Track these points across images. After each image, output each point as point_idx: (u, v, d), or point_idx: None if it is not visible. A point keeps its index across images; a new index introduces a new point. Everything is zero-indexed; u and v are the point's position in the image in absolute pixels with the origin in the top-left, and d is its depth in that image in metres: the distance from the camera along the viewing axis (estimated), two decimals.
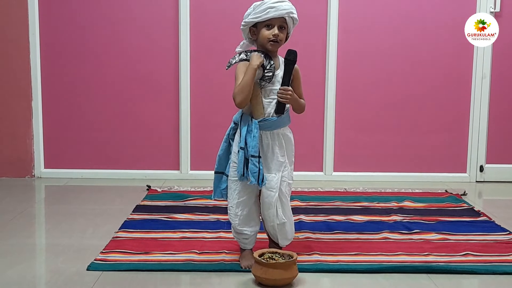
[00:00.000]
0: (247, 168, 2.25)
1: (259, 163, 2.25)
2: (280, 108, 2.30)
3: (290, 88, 2.30)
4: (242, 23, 2.34)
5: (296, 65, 2.36)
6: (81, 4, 3.92)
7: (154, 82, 3.99)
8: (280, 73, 2.32)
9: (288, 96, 2.29)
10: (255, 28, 2.32)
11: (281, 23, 2.29)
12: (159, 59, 3.97)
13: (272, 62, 2.30)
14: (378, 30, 3.98)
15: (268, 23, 2.28)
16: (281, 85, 2.30)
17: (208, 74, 3.93)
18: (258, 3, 2.29)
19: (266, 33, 2.28)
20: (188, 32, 3.91)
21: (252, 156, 2.24)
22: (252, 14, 2.28)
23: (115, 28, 3.95)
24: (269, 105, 2.31)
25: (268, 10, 2.25)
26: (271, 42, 2.29)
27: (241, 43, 2.40)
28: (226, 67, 2.36)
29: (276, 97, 2.30)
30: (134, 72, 3.98)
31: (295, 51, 2.30)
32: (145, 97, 4.00)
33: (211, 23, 3.93)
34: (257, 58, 2.26)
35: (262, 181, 2.26)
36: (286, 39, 2.35)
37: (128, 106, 4.01)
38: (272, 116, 2.31)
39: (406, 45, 3.99)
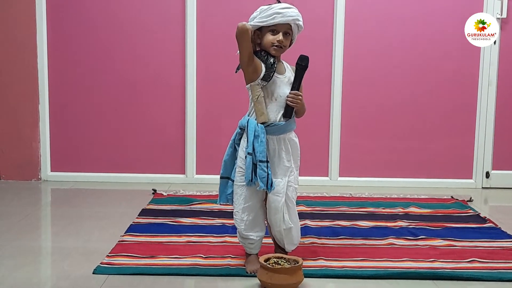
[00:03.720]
0: (255, 174, 2.25)
1: (267, 168, 2.25)
2: (288, 112, 2.31)
3: (300, 93, 2.31)
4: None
5: None
6: (88, 8, 3.94)
7: (160, 86, 4.00)
8: (282, 78, 2.33)
9: (299, 101, 2.30)
10: (259, 31, 2.33)
11: (286, 29, 2.30)
12: (166, 63, 3.98)
13: (272, 60, 2.29)
14: (385, 36, 3.97)
15: (273, 28, 2.28)
16: (291, 90, 2.30)
17: (214, 78, 3.93)
18: (265, 7, 2.29)
19: (270, 38, 2.29)
20: (195, 35, 3.92)
21: (260, 161, 2.25)
22: (258, 18, 2.28)
23: (122, 32, 3.96)
24: (274, 110, 2.31)
25: (275, 15, 2.25)
26: (275, 47, 2.29)
27: None
28: (236, 71, 2.37)
29: (279, 102, 2.31)
30: (141, 76, 3.99)
31: (307, 57, 2.31)
32: (151, 101, 4.01)
33: (218, 25, 3.93)
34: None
35: (271, 186, 2.26)
36: (290, 44, 2.35)
37: (134, 109, 4.01)
38: (279, 120, 2.32)
39: (413, 52, 3.98)
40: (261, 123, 2.29)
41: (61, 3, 3.94)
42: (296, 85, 2.31)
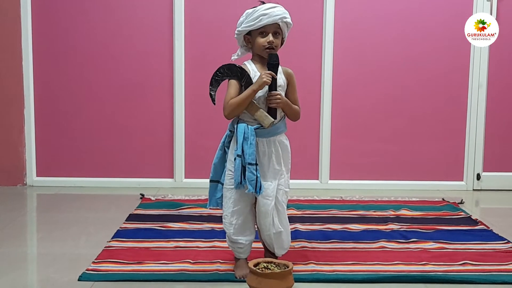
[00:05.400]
0: (244, 176, 2.22)
1: (256, 171, 2.22)
2: (271, 114, 2.27)
3: (277, 92, 2.27)
4: (236, 31, 2.32)
5: (291, 71, 2.36)
6: (74, 11, 3.89)
7: (148, 90, 3.96)
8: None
9: (278, 101, 2.26)
10: (249, 35, 2.31)
11: (275, 29, 2.27)
12: (153, 67, 3.94)
13: (246, 74, 2.27)
14: (375, 38, 3.96)
15: (262, 30, 2.26)
16: (269, 90, 2.27)
17: (202, 81, 3.84)
18: (250, 10, 2.27)
19: (261, 40, 2.26)
20: (183, 38, 3.89)
21: (250, 164, 2.21)
22: (245, 23, 2.26)
23: (109, 36, 3.92)
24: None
25: (261, 17, 2.23)
26: (267, 49, 2.27)
27: (237, 51, 2.38)
28: (213, 102, 2.35)
29: (264, 104, 2.29)
30: (128, 79, 3.95)
31: (276, 54, 2.28)
32: (139, 104, 3.97)
33: (206, 29, 3.91)
34: (260, 81, 2.22)
35: (260, 189, 2.23)
36: (282, 43, 2.33)
37: (122, 113, 3.97)
38: None
39: (403, 54, 3.97)
40: (269, 126, 2.25)
41: (47, 7, 3.89)
42: (271, 85, 2.27)
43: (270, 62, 2.26)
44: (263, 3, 2.29)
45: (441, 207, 3.47)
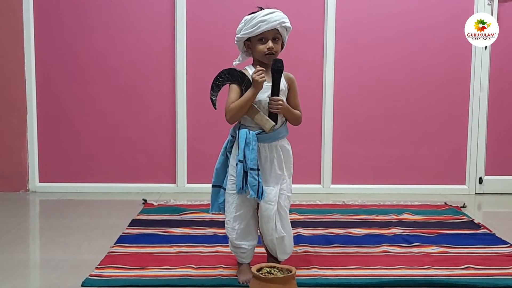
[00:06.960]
0: (246, 181, 2.22)
1: (258, 176, 2.22)
2: (272, 118, 2.27)
3: (279, 97, 2.27)
4: (235, 38, 2.32)
5: (292, 76, 2.36)
6: (76, 18, 3.91)
7: (150, 95, 3.97)
8: (266, 85, 2.28)
9: (279, 106, 2.26)
10: (249, 42, 2.30)
11: (274, 34, 2.27)
12: (155, 72, 3.95)
13: (247, 78, 2.27)
14: (376, 43, 3.96)
15: (261, 37, 2.26)
16: (271, 95, 2.27)
17: (204, 86, 3.85)
18: (249, 17, 2.27)
19: (260, 47, 2.26)
20: (185, 43, 3.90)
21: (251, 169, 2.21)
22: (244, 30, 2.26)
23: (111, 41, 3.93)
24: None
25: (259, 24, 2.23)
26: (267, 56, 2.27)
27: (239, 56, 2.39)
28: (214, 107, 2.35)
29: (266, 109, 2.28)
30: (130, 85, 3.96)
31: (281, 60, 2.27)
32: (141, 110, 3.97)
33: (208, 34, 3.92)
34: (255, 82, 2.22)
35: (262, 194, 2.23)
36: (282, 48, 2.33)
37: (124, 118, 3.98)
38: None
39: (404, 57, 3.97)
40: (271, 130, 2.25)
41: (49, 11, 3.90)
42: (274, 90, 2.27)
43: (275, 68, 2.26)
44: (262, 8, 2.29)
45: (443, 211, 3.47)
